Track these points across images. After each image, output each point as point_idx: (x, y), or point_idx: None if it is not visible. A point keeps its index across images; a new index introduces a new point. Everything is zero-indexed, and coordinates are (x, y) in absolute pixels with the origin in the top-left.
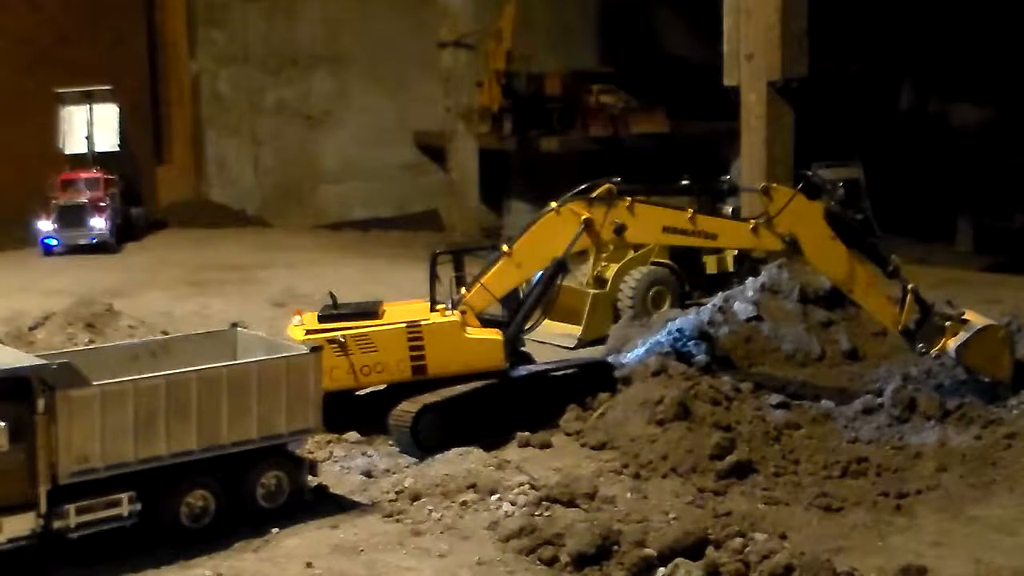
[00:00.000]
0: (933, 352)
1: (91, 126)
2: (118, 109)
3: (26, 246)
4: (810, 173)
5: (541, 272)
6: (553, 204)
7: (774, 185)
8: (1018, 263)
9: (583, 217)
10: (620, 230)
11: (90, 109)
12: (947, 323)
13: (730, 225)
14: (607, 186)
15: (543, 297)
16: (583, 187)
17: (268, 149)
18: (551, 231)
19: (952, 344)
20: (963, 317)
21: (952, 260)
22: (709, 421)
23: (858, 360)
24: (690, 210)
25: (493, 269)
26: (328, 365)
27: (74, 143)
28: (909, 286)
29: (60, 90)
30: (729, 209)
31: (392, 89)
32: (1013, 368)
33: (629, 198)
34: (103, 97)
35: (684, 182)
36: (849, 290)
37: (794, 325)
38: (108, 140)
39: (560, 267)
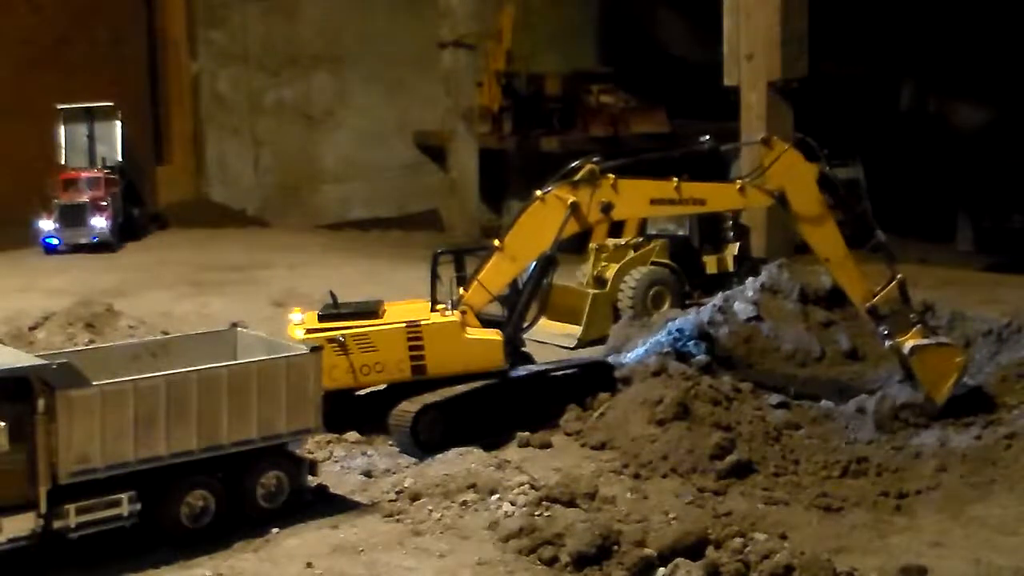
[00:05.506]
0: (893, 341)
1: (93, 142)
2: (120, 124)
3: (27, 246)
4: (805, 136)
5: (532, 268)
6: (538, 192)
7: (774, 137)
8: (1018, 263)
9: (569, 201)
10: (607, 208)
11: (91, 126)
12: (919, 324)
13: (717, 188)
14: (589, 167)
15: (535, 292)
16: (565, 171)
17: (268, 149)
18: (540, 220)
19: (912, 342)
20: (938, 334)
21: (952, 260)
22: (709, 421)
23: (858, 360)
24: (674, 179)
25: (488, 265)
26: (328, 364)
27: (75, 159)
28: (898, 276)
29: (61, 106)
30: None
31: (392, 89)
32: (949, 396)
33: (612, 175)
34: (105, 114)
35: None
36: (826, 259)
37: (794, 325)
38: (110, 156)
39: (548, 261)
